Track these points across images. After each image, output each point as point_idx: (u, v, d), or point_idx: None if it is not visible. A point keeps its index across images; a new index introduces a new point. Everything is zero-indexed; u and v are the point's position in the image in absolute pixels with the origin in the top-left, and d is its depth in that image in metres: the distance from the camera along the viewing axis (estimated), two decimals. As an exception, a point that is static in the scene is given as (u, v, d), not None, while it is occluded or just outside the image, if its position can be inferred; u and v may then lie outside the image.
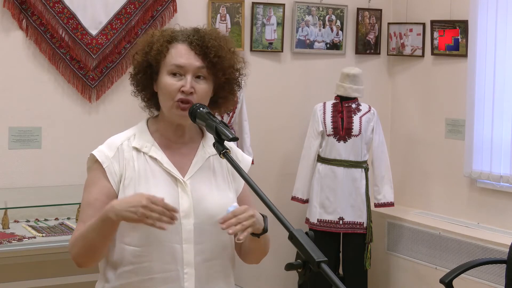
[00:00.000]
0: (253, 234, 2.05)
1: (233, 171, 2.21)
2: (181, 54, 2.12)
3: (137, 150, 2.15)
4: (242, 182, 2.23)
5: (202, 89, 2.12)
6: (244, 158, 2.27)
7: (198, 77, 2.12)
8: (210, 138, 2.22)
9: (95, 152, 2.15)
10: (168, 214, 1.93)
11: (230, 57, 2.17)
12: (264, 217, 2.08)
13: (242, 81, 2.25)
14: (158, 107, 2.21)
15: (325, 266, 1.66)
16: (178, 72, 2.11)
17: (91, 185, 2.13)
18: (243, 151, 4.74)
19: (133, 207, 1.91)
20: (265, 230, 2.06)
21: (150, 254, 2.08)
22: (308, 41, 5.31)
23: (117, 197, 2.11)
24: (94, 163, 2.15)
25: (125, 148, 2.15)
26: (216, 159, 2.21)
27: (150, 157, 2.14)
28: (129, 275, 2.10)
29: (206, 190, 2.15)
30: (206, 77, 2.14)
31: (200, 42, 2.13)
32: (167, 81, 2.11)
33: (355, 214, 4.86)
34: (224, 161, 2.17)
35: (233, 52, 2.19)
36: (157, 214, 1.91)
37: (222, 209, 2.09)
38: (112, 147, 2.15)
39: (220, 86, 2.18)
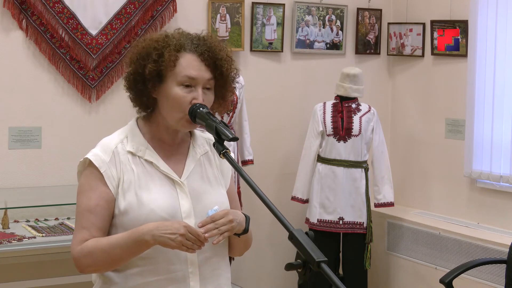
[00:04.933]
0: (234, 234, 2.12)
1: (221, 167, 2.26)
2: (193, 66, 2.11)
3: (132, 153, 2.15)
4: (229, 176, 2.28)
5: (210, 100, 2.14)
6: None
7: (204, 87, 2.13)
8: (199, 138, 2.26)
9: (90, 157, 2.13)
10: (200, 243, 2.01)
11: (234, 67, 2.19)
12: (247, 217, 2.14)
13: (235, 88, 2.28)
14: (147, 109, 2.20)
15: (325, 266, 1.66)
16: (189, 83, 2.10)
17: (89, 190, 2.11)
18: (243, 151, 4.78)
19: (172, 234, 1.98)
20: (245, 231, 2.13)
21: (156, 256, 2.09)
22: (308, 41, 5.31)
23: (115, 201, 2.11)
24: (87, 167, 2.13)
25: (120, 151, 2.14)
26: (205, 158, 2.24)
27: (146, 160, 2.14)
28: (135, 278, 2.10)
29: (202, 189, 2.17)
30: (211, 87, 2.15)
31: (210, 53, 2.13)
32: (178, 93, 2.09)
33: (355, 214, 4.86)
34: (213, 158, 2.24)
35: (233, 60, 2.20)
36: (190, 243, 1.99)
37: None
38: (108, 151, 2.13)
39: (221, 95, 2.20)
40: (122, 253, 2.04)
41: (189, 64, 2.11)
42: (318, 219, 4.87)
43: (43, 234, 3.90)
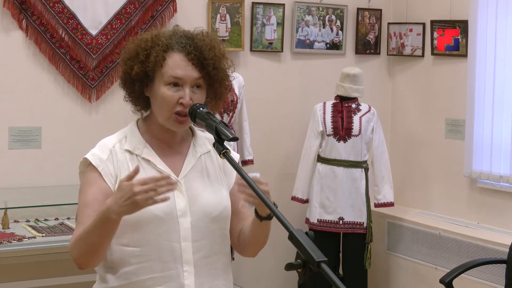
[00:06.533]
0: (257, 216, 2.09)
1: (224, 167, 2.24)
2: (179, 65, 2.11)
3: (130, 152, 2.15)
4: (234, 176, 2.24)
5: (199, 99, 2.13)
6: (233, 155, 2.25)
7: (193, 86, 2.12)
8: (200, 137, 2.25)
9: (88, 156, 2.14)
10: (164, 184, 1.91)
11: (224, 67, 2.18)
12: (275, 205, 2.07)
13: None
14: (147, 108, 2.21)
15: (325, 266, 1.66)
16: (175, 83, 2.10)
17: (87, 186, 2.12)
18: (243, 151, 4.78)
19: (127, 199, 1.90)
20: (269, 217, 2.08)
21: (150, 254, 2.09)
22: (308, 41, 5.31)
23: None
24: (88, 166, 2.14)
25: (118, 150, 2.15)
26: (207, 157, 2.23)
27: (143, 159, 2.14)
28: (129, 276, 2.10)
29: (200, 189, 2.16)
30: (202, 86, 2.14)
31: (197, 53, 2.12)
32: (165, 92, 2.10)
33: (355, 214, 4.86)
34: (215, 158, 2.22)
35: (225, 57, 2.19)
36: (153, 192, 1.90)
37: (217, 206, 2.15)
38: (105, 150, 2.15)
39: (214, 92, 2.19)
40: (96, 237, 2.00)
41: (176, 64, 2.11)
42: (318, 219, 4.87)
43: (43, 234, 3.90)
